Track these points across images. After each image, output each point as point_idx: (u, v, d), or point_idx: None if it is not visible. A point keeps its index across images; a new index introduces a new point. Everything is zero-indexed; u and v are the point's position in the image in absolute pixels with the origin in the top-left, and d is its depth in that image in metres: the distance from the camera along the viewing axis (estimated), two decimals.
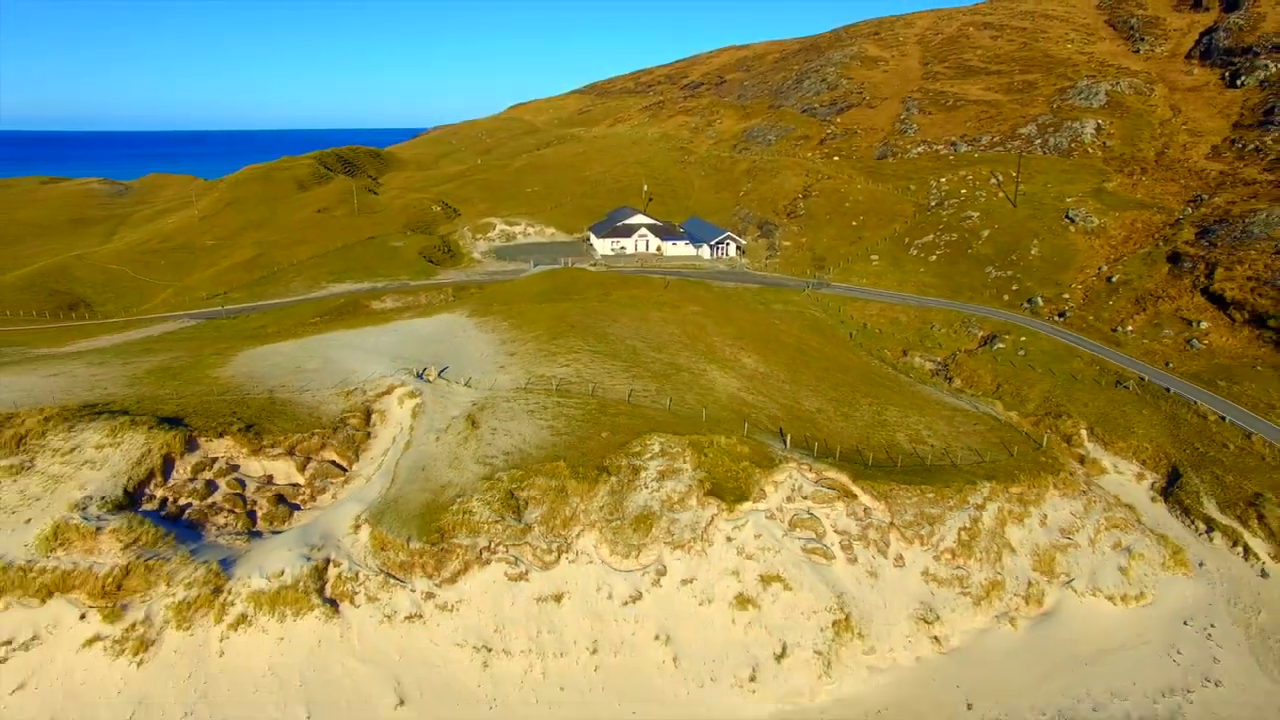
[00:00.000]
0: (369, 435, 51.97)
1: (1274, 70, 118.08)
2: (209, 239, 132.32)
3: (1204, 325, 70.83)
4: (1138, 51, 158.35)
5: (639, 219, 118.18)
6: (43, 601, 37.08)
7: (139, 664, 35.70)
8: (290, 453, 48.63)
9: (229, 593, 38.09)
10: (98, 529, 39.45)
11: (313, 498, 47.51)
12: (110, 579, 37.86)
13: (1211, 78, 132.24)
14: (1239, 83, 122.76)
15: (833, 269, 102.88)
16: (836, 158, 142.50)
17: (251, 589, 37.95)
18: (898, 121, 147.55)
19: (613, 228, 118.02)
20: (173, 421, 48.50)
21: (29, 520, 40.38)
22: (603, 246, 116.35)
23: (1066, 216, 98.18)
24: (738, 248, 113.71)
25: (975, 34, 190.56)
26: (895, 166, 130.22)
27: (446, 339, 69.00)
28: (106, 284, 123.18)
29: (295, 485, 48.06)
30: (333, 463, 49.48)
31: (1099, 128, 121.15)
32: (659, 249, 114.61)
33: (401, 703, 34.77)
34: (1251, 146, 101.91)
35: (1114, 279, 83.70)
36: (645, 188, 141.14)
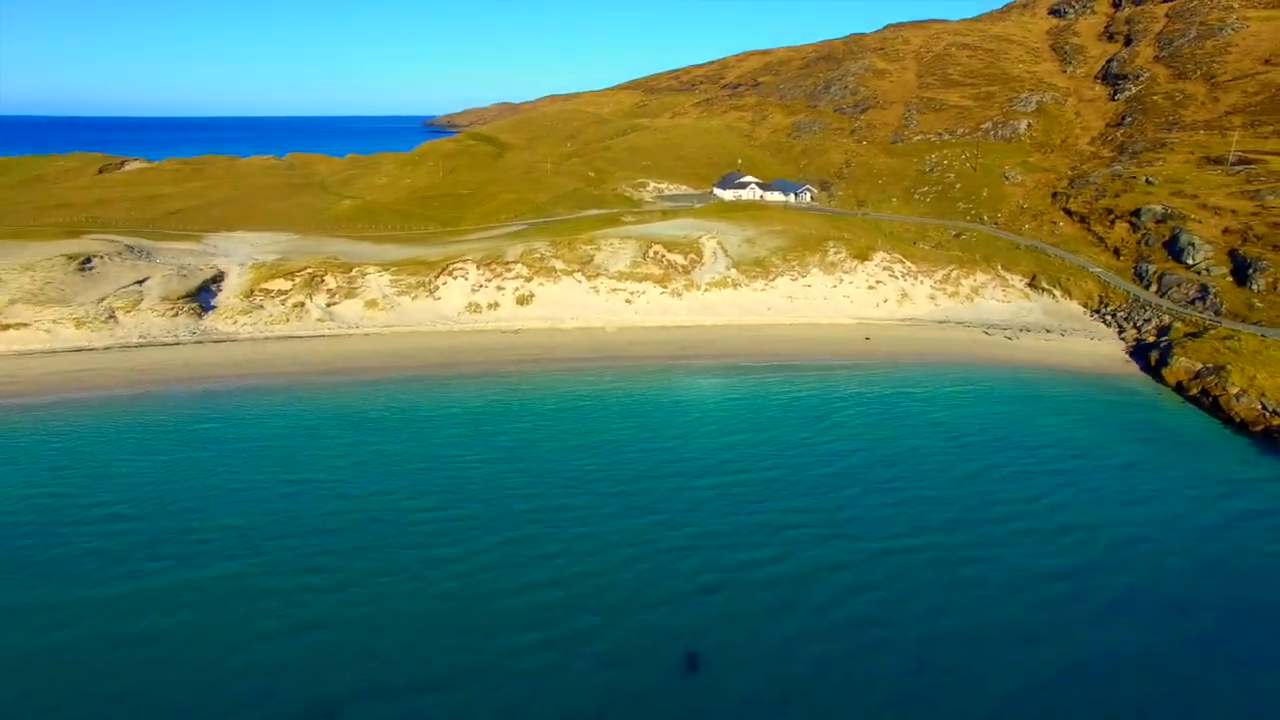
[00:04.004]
0: (700, 252, 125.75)
1: (1134, 91, 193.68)
2: (462, 189, 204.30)
3: (1060, 224, 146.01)
4: (1065, 71, 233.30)
5: (747, 178, 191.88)
6: (639, 282, 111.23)
7: (680, 300, 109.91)
8: (682, 252, 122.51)
9: (696, 281, 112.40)
10: (646, 261, 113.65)
11: (690, 269, 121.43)
12: (659, 277, 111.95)
13: (1104, 93, 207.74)
14: (1116, 98, 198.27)
15: (870, 206, 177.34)
16: (864, 142, 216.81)
17: (706, 280, 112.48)
18: (903, 119, 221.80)
19: (731, 183, 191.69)
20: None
21: (615, 262, 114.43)
22: (725, 195, 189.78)
23: (1004, 176, 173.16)
24: (810, 195, 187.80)
25: (956, 53, 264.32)
26: (903, 148, 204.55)
27: (696, 227, 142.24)
28: (405, 217, 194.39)
29: (683, 265, 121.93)
30: (693, 258, 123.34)
31: (1029, 125, 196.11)
32: (762, 196, 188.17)
33: (769, 309, 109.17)
34: (1109, 138, 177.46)
35: (1024, 207, 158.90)
36: (740, 161, 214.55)
